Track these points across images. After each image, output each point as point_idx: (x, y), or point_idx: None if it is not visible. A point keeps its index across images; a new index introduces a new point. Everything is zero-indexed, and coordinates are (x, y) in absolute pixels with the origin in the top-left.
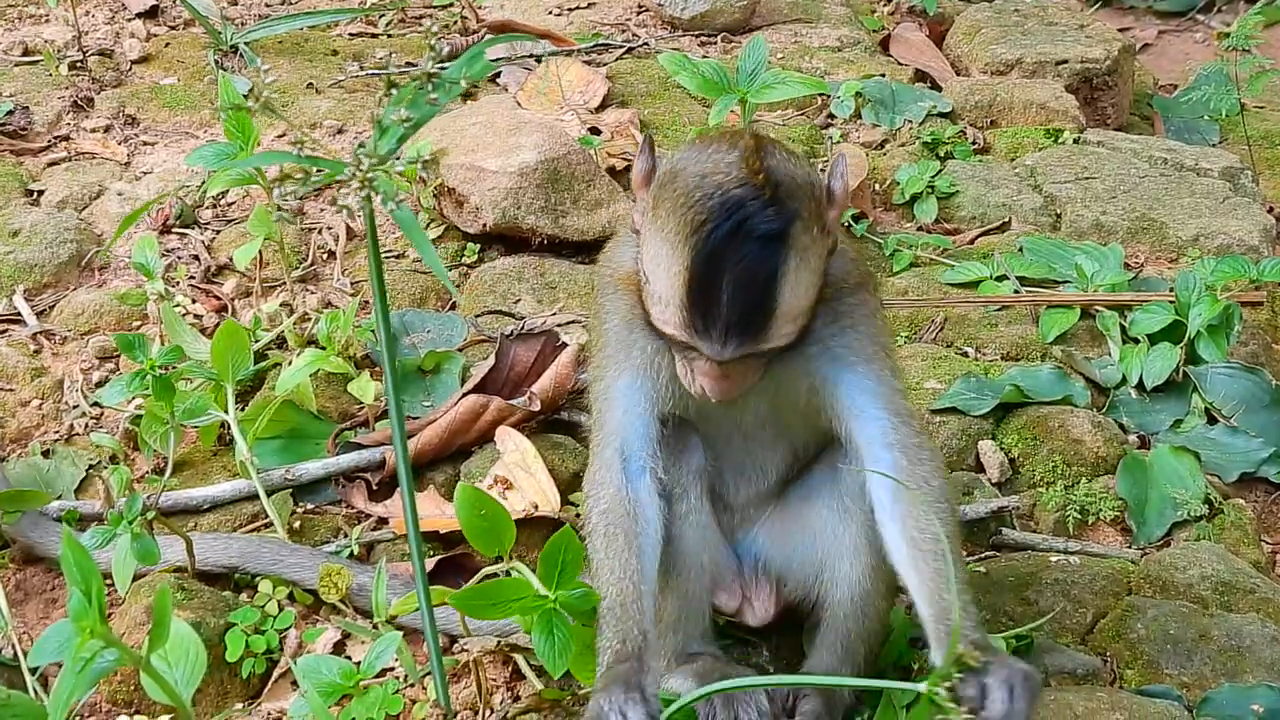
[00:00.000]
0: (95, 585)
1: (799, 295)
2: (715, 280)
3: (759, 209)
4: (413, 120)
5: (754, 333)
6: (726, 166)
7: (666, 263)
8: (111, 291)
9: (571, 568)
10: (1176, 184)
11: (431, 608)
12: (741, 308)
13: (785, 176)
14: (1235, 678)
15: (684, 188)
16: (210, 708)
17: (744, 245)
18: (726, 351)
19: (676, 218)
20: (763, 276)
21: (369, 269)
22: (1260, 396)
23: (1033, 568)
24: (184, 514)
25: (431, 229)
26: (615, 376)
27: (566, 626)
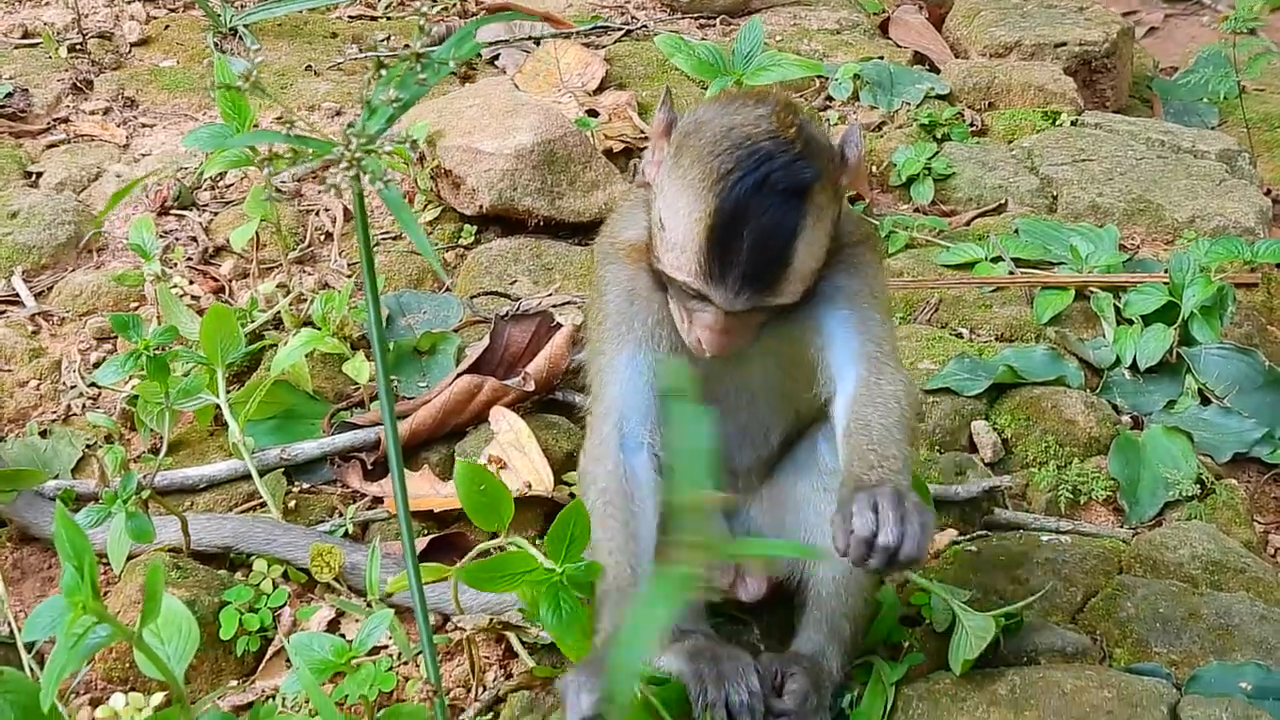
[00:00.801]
0: (88, 561)
1: (812, 254)
2: (737, 230)
3: (788, 162)
4: (402, 101)
5: (767, 286)
6: (756, 119)
7: (688, 209)
8: (109, 273)
9: (579, 542)
10: (1173, 166)
11: (421, 585)
12: (759, 259)
13: (811, 137)
14: (1224, 656)
15: (710, 137)
16: (205, 685)
17: (769, 197)
18: (738, 302)
19: (701, 165)
20: (784, 231)
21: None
22: (1253, 377)
23: (1024, 547)
24: (180, 493)
25: (428, 210)
26: (615, 350)
27: (573, 599)
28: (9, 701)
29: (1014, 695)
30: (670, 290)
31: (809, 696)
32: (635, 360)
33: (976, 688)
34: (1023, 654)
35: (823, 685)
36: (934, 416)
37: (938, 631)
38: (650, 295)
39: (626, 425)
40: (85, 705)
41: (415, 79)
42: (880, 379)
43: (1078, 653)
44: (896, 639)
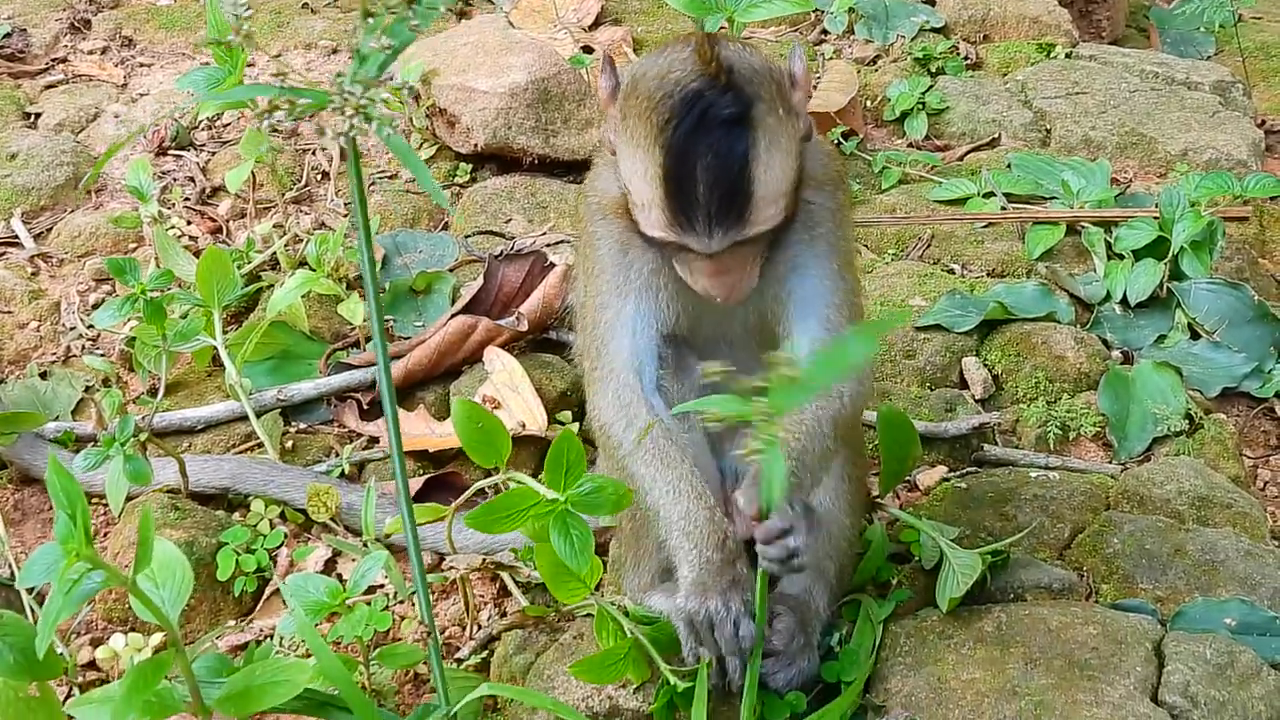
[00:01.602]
0: (81, 508)
1: (774, 176)
2: (690, 173)
3: (717, 96)
4: (393, 47)
5: (737, 218)
6: (681, 63)
7: (642, 167)
8: (108, 214)
9: (576, 468)
10: (1167, 98)
11: (415, 525)
12: (720, 195)
13: (741, 63)
14: (1209, 592)
15: (646, 91)
16: (203, 624)
17: (710, 134)
18: (714, 243)
19: (643, 122)
20: (734, 160)
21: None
22: (1243, 312)
23: (1013, 483)
24: (178, 434)
25: (424, 149)
26: (620, 304)
27: (583, 525)
28: (8, 644)
29: (1000, 632)
30: (657, 250)
31: (795, 635)
32: (640, 310)
33: (963, 625)
34: (1010, 590)
35: (809, 624)
36: (925, 353)
37: (926, 569)
38: (644, 245)
39: (644, 372)
40: (86, 645)
41: (407, 25)
42: None
43: (1064, 589)
44: (885, 576)
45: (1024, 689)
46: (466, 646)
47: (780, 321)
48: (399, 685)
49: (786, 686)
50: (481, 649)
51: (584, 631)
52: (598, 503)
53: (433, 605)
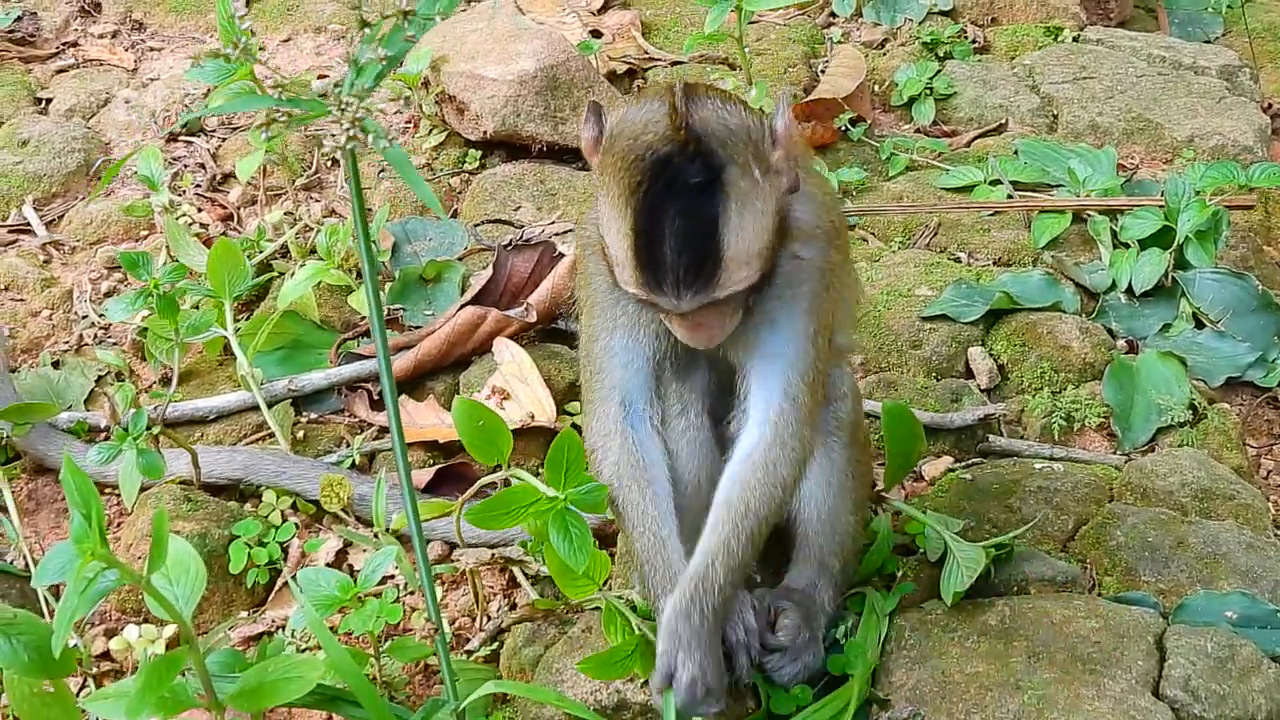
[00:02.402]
0: (95, 507)
1: (746, 238)
2: (658, 237)
3: (685, 163)
4: (389, 58)
5: (706, 281)
6: (654, 125)
7: (615, 226)
8: (119, 201)
9: (576, 467)
10: (1174, 83)
11: (420, 521)
12: (688, 260)
13: (715, 124)
14: (1210, 584)
15: (620, 151)
16: (216, 615)
17: (678, 199)
18: (684, 304)
19: (618, 182)
20: (702, 226)
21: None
22: (1247, 301)
23: (1017, 475)
24: (190, 424)
25: (434, 135)
26: (610, 335)
27: (581, 523)
28: (24, 642)
29: (1004, 625)
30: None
31: (800, 630)
32: (630, 342)
33: (968, 618)
34: (1013, 583)
35: (814, 618)
36: (931, 343)
37: (931, 561)
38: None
39: (630, 401)
40: (100, 636)
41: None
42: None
43: (1067, 581)
44: (890, 569)
45: (1027, 683)
46: (476, 638)
47: (743, 369)
48: (410, 676)
49: (792, 680)
50: (491, 640)
51: (593, 625)
52: (596, 501)
53: (443, 596)
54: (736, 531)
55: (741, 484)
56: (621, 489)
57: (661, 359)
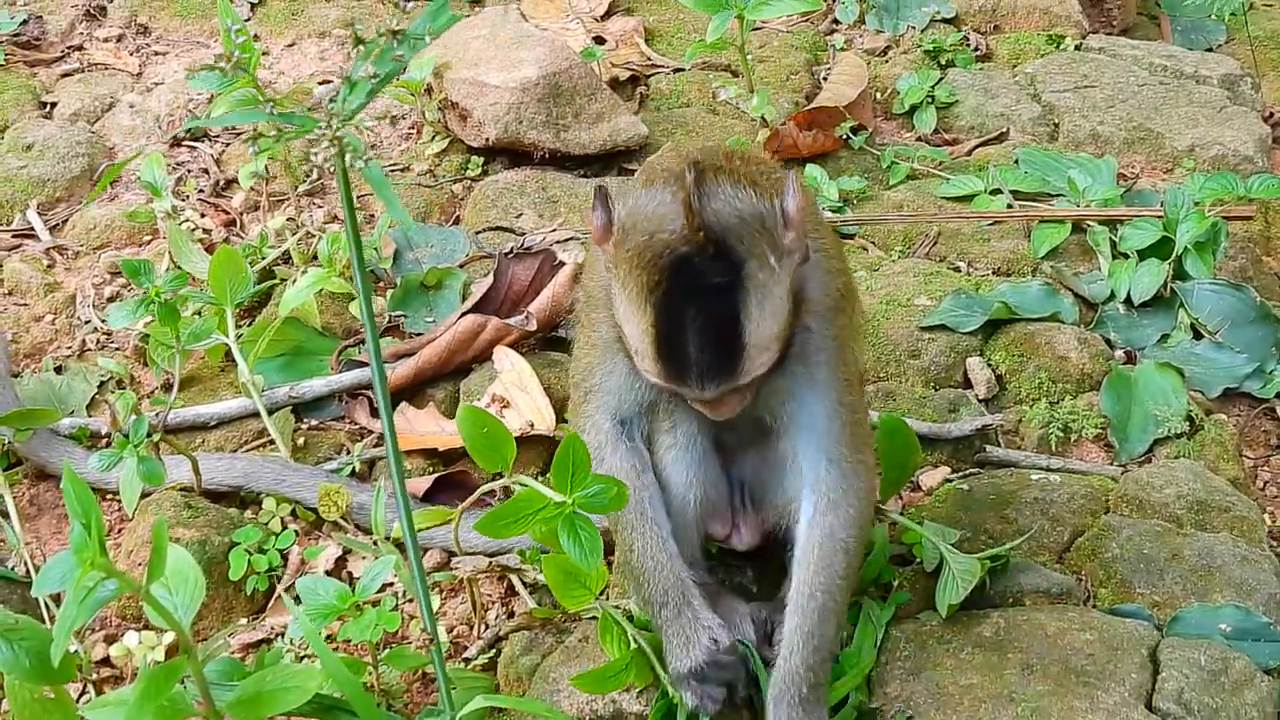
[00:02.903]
0: (95, 516)
1: (766, 328)
2: (680, 335)
3: (707, 263)
4: (380, 76)
5: (730, 373)
6: (671, 221)
7: (635, 320)
8: (123, 206)
9: (582, 470)
10: (1175, 92)
11: (414, 531)
12: (711, 355)
13: (730, 218)
14: (1205, 597)
15: (636, 248)
16: (215, 622)
17: (699, 299)
18: (708, 394)
19: (635, 280)
20: (724, 324)
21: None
22: (1245, 312)
23: (1014, 485)
24: (192, 430)
25: (436, 142)
26: (606, 374)
27: (590, 526)
28: (24, 649)
29: (998, 637)
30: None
31: None
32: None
33: (962, 629)
34: (1009, 595)
35: None
36: (929, 353)
37: (927, 571)
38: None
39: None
40: (100, 642)
41: (392, 55)
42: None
43: (1062, 593)
44: (887, 578)
45: (1021, 695)
46: (474, 646)
47: (782, 440)
48: (408, 684)
49: None
50: (489, 649)
51: (589, 634)
52: (604, 502)
53: (442, 604)
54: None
55: (803, 568)
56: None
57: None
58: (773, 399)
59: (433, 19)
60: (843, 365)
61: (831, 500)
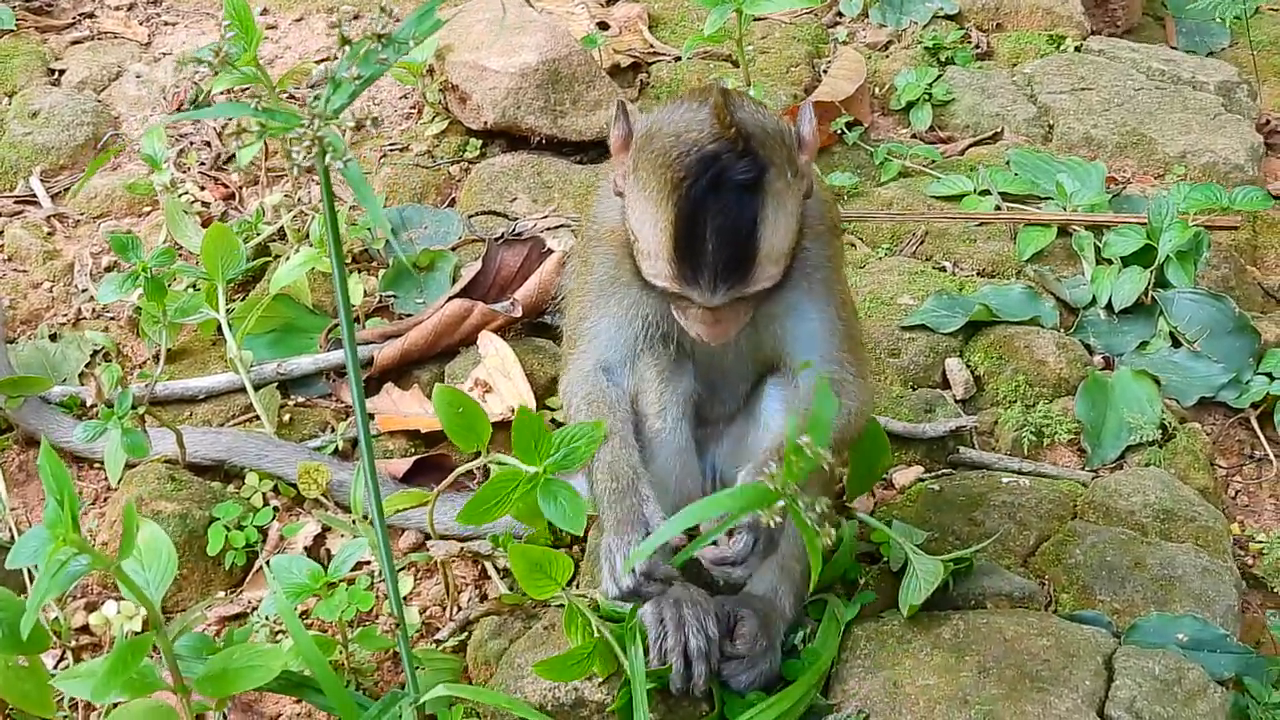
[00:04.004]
0: (68, 492)
1: (779, 238)
2: (700, 232)
3: (734, 161)
4: (364, 78)
5: (740, 277)
6: (699, 124)
7: (652, 220)
8: (124, 178)
9: (543, 439)
10: (1171, 98)
11: (383, 518)
12: (727, 256)
13: (756, 128)
14: (1164, 606)
15: (661, 148)
16: (195, 594)
17: (723, 197)
18: (717, 298)
19: (658, 177)
20: (744, 224)
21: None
22: (1224, 322)
23: (984, 488)
24: (180, 403)
25: (436, 123)
26: (598, 318)
27: (568, 488)
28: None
29: (957, 639)
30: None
31: (758, 638)
32: (614, 330)
33: (923, 630)
34: (971, 597)
35: (773, 625)
36: (909, 352)
37: (893, 571)
38: (631, 281)
39: (607, 367)
40: (80, 610)
41: (376, 58)
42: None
43: (1024, 597)
44: (853, 576)
45: (975, 698)
46: (446, 628)
47: (781, 357)
48: (379, 663)
49: (748, 687)
50: (460, 631)
51: (557, 621)
52: (573, 457)
53: (416, 584)
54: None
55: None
56: (591, 415)
57: (642, 350)
58: (773, 323)
59: (419, 24)
60: (838, 284)
61: (835, 380)
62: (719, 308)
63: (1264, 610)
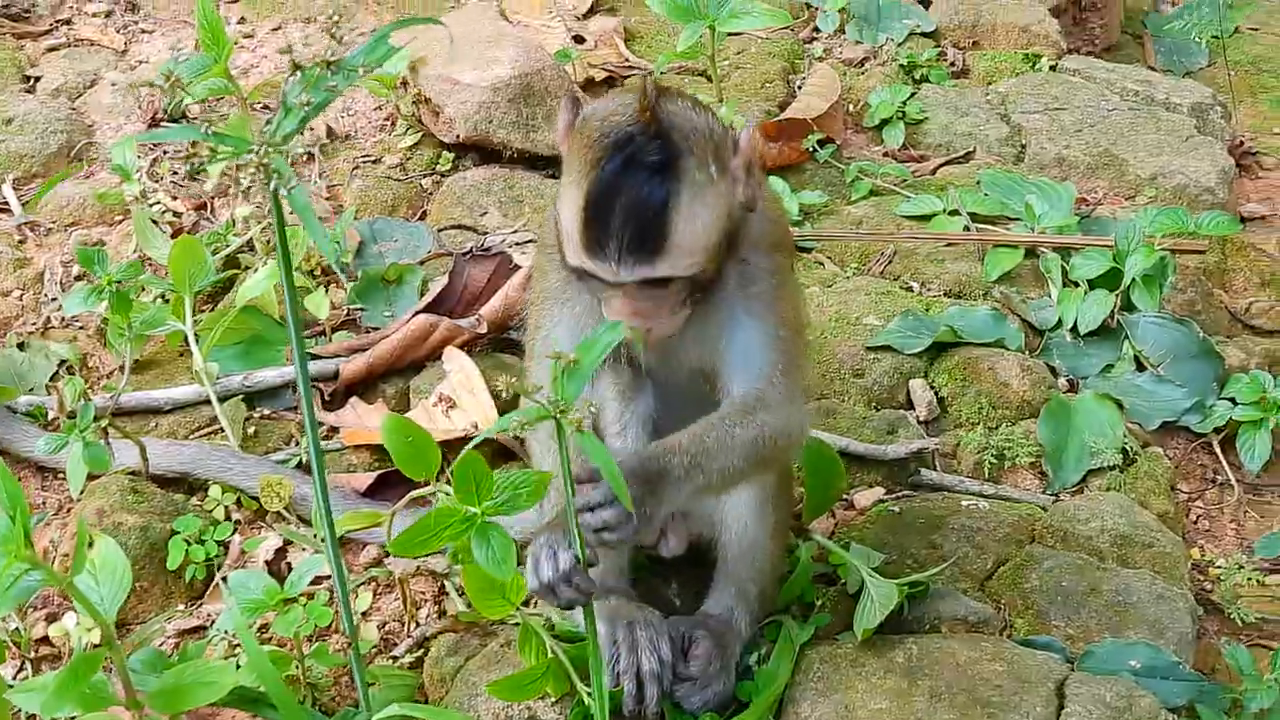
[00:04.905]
0: (21, 510)
1: (694, 228)
2: (609, 206)
3: (646, 142)
4: (314, 104)
5: (647, 255)
6: (625, 109)
7: (571, 198)
8: (95, 187)
9: (485, 481)
10: (1144, 119)
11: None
12: (632, 230)
13: (681, 119)
14: (1118, 633)
15: (588, 132)
16: (155, 606)
17: (634, 174)
18: (622, 274)
19: (580, 158)
20: (652, 203)
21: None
22: (1188, 347)
23: (944, 510)
24: (146, 414)
25: (409, 135)
26: (553, 328)
27: (503, 534)
28: None
29: (910, 664)
30: (584, 284)
31: (712, 660)
32: (570, 336)
33: (876, 654)
34: (926, 621)
35: (728, 646)
36: (873, 373)
37: (850, 593)
38: (580, 283)
39: None
40: (41, 620)
41: (325, 85)
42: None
43: (980, 622)
44: (809, 598)
45: None
46: (403, 645)
47: (718, 375)
48: (336, 679)
49: (701, 708)
50: (418, 647)
51: (513, 640)
52: (516, 503)
53: (376, 599)
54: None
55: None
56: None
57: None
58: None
59: (370, 51)
60: (782, 302)
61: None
62: (632, 292)
63: (1220, 637)
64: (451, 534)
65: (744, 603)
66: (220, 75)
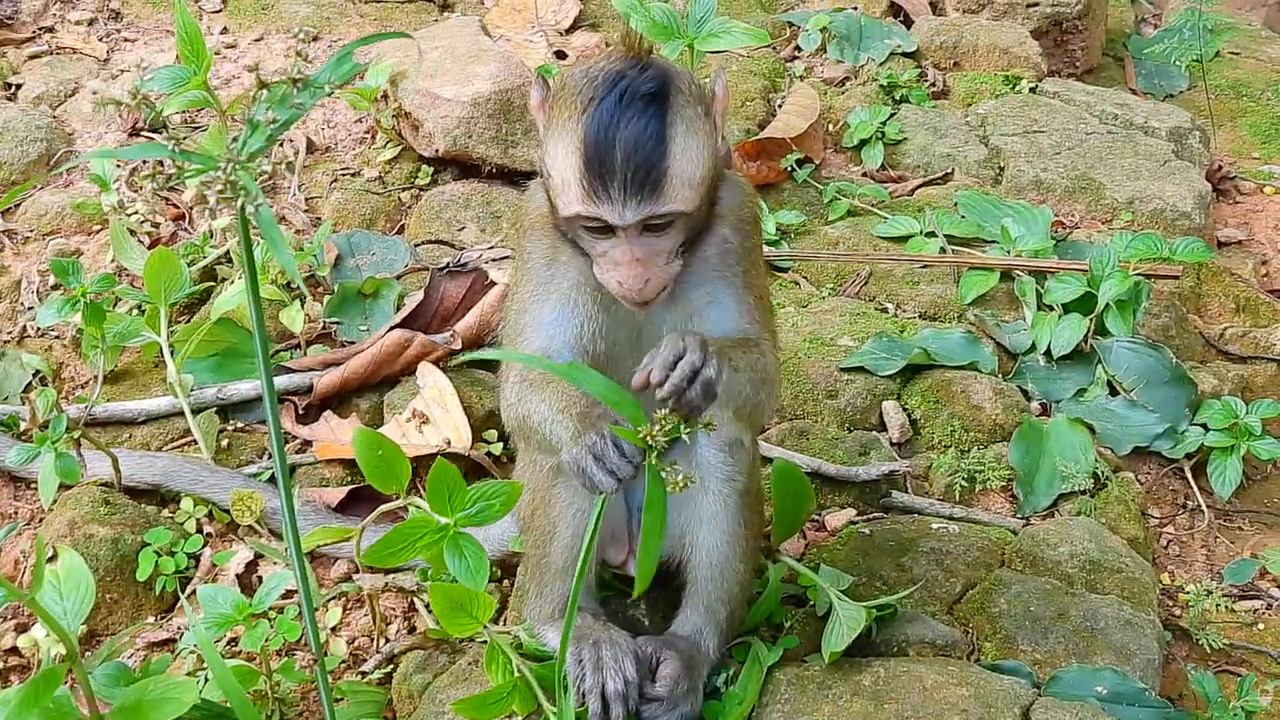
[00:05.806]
0: None
1: (690, 159)
2: (609, 144)
3: (638, 74)
4: (280, 122)
5: (652, 189)
6: (608, 57)
7: (564, 145)
8: (73, 197)
9: (459, 491)
10: (1122, 143)
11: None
12: (636, 163)
13: (667, 66)
14: (1086, 658)
15: (573, 84)
16: (125, 618)
17: (630, 106)
18: (629, 213)
19: (569, 107)
20: (651, 131)
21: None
22: (1161, 372)
23: (914, 533)
24: (120, 425)
25: (389, 149)
26: (538, 311)
27: (475, 545)
28: None
29: (876, 687)
30: (580, 242)
31: (679, 681)
32: (556, 317)
33: (843, 677)
34: (894, 644)
35: (696, 667)
36: (847, 394)
37: (819, 615)
38: (569, 261)
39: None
40: (10, 631)
41: (292, 102)
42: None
43: (947, 645)
44: (778, 619)
45: None
46: (372, 660)
47: None
48: (304, 694)
49: None
50: (386, 663)
51: (480, 658)
52: (489, 514)
53: (346, 614)
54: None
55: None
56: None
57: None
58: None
59: (335, 68)
60: (756, 277)
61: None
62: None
63: (1188, 662)
64: (425, 544)
65: (713, 623)
66: (199, 87)
